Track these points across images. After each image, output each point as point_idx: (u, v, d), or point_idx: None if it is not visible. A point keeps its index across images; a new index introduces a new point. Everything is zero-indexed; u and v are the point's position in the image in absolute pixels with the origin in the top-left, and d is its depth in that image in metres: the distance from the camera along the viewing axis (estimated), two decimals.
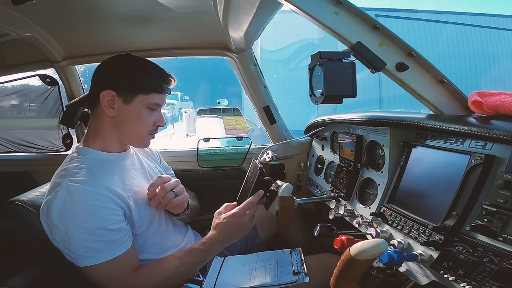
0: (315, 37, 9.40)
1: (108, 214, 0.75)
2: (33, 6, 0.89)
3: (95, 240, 0.73)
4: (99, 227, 0.73)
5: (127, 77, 0.83)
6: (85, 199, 0.72)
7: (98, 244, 0.73)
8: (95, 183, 0.75)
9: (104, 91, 0.81)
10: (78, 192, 0.72)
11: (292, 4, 0.67)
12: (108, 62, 0.87)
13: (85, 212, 0.72)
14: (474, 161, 0.64)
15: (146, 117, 0.86)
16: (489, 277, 0.54)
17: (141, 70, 0.85)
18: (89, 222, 0.72)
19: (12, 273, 0.91)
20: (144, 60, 0.89)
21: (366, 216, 0.92)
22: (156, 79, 0.86)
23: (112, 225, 0.75)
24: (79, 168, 0.78)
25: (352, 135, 1.07)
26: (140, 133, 0.88)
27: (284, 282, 0.87)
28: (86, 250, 0.73)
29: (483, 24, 11.37)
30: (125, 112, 0.84)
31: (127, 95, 0.83)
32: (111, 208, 0.76)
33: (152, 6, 0.98)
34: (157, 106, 0.88)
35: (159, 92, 0.86)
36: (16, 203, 0.82)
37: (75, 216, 0.71)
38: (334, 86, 0.69)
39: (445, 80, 0.78)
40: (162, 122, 0.90)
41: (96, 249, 0.73)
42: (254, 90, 1.42)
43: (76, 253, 0.73)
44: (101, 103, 0.82)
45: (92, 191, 0.73)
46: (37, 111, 1.65)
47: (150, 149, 1.12)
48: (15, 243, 1.32)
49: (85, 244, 0.73)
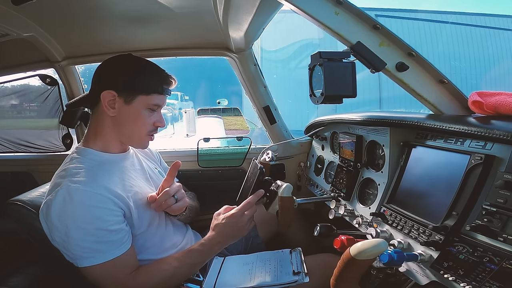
0: (315, 37, 9.40)
1: (108, 215, 0.75)
2: (33, 6, 0.89)
3: (94, 240, 0.73)
4: (99, 227, 0.73)
5: (128, 77, 0.83)
6: (85, 199, 0.72)
7: (97, 245, 0.73)
8: (95, 184, 0.75)
9: (105, 91, 0.82)
10: (78, 192, 0.72)
11: (292, 4, 0.67)
12: (109, 62, 0.87)
13: (85, 213, 0.72)
14: (474, 161, 0.64)
15: (146, 118, 0.86)
16: (489, 277, 0.54)
17: (142, 71, 0.85)
18: (88, 222, 0.72)
19: (12, 273, 0.90)
20: (144, 61, 0.89)
21: (366, 216, 0.92)
22: (157, 80, 0.86)
23: (111, 226, 0.75)
24: (79, 168, 0.78)
25: (352, 135, 1.07)
26: (140, 134, 0.88)
27: (284, 282, 0.87)
28: (85, 250, 0.73)
29: (483, 24, 11.36)
30: (126, 112, 0.84)
31: (128, 95, 0.83)
32: (111, 209, 0.76)
33: (152, 6, 0.98)
34: (157, 107, 0.88)
35: (160, 93, 0.87)
36: (16, 203, 0.82)
37: (75, 217, 0.71)
38: (334, 86, 0.69)
39: (445, 80, 0.78)
40: (162, 123, 0.90)
41: (95, 250, 0.73)
42: (254, 90, 1.42)
43: (75, 254, 0.73)
44: (102, 103, 0.82)
45: (92, 192, 0.73)
46: (37, 111, 1.65)
47: (150, 150, 1.12)
48: (15, 243, 1.32)
49: (84, 245, 0.73)
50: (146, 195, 0.87)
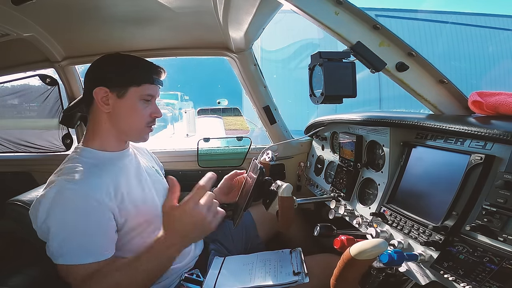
0: (315, 37, 9.41)
1: (98, 215, 0.74)
2: (33, 6, 0.89)
3: (78, 240, 0.71)
4: (86, 227, 0.72)
5: (117, 71, 0.85)
6: (75, 198, 0.72)
7: (79, 246, 0.71)
8: (87, 184, 0.74)
9: (96, 88, 0.83)
10: (69, 191, 0.72)
11: (292, 4, 0.67)
12: (98, 61, 0.89)
13: (72, 212, 0.71)
14: (474, 161, 0.63)
15: (142, 109, 0.87)
16: (489, 277, 0.54)
17: (131, 64, 0.87)
18: (75, 221, 0.71)
19: (12, 273, 0.90)
20: (132, 56, 0.91)
21: (366, 216, 0.92)
22: (146, 71, 0.88)
23: (99, 228, 0.74)
24: (75, 168, 0.78)
25: (352, 135, 1.07)
26: (138, 126, 0.88)
27: (284, 282, 0.87)
28: (66, 249, 0.71)
29: (483, 24, 11.38)
30: (120, 106, 0.85)
31: (120, 89, 0.84)
32: (102, 211, 0.75)
33: (152, 6, 0.98)
34: (150, 97, 0.89)
35: (151, 83, 0.88)
36: (16, 203, 0.83)
37: (62, 214, 0.70)
38: (334, 86, 0.69)
39: (445, 80, 0.78)
40: (159, 113, 0.91)
41: (72, 252, 0.71)
42: (254, 90, 1.42)
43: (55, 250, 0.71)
44: (96, 100, 0.84)
45: (82, 192, 0.72)
46: (37, 111, 1.65)
47: (146, 150, 1.13)
48: (15, 243, 1.32)
49: (65, 243, 0.71)
50: (139, 194, 0.87)
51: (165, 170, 1.21)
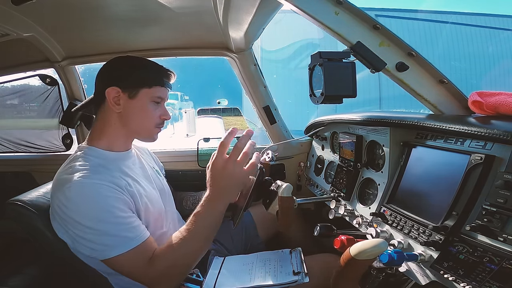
0: (315, 37, 9.41)
1: (123, 204, 0.76)
2: (33, 6, 0.89)
3: (118, 228, 0.73)
4: (118, 215, 0.74)
5: (130, 73, 0.87)
6: (100, 191, 0.73)
7: (124, 232, 0.73)
8: (103, 177, 0.76)
9: (109, 88, 0.84)
10: (92, 185, 0.73)
11: (292, 4, 0.67)
12: (111, 62, 0.91)
13: (103, 203, 0.73)
14: (474, 161, 0.63)
15: (152, 111, 0.90)
16: (489, 277, 0.54)
17: (143, 66, 0.90)
18: (107, 211, 0.73)
19: (12, 273, 0.91)
20: (143, 58, 0.93)
21: (366, 216, 0.92)
22: (157, 74, 0.91)
23: (130, 213, 0.77)
24: (85, 165, 0.79)
25: (352, 135, 1.07)
26: (148, 126, 0.91)
27: (284, 282, 0.87)
28: (114, 239, 0.73)
29: (483, 24, 11.38)
30: (131, 107, 0.87)
31: (131, 90, 0.86)
32: (124, 199, 0.77)
33: (152, 6, 0.98)
34: (160, 99, 0.91)
35: (161, 85, 0.90)
36: (16, 203, 0.82)
37: (94, 209, 0.72)
38: (334, 86, 0.69)
39: (445, 80, 0.78)
40: (167, 116, 0.94)
41: (124, 237, 0.73)
42: (254, 90, 1.42)
43: (106, 244, 0.72)
44: (107, 100, 0.85)
45: (103, 184, 0.74)
46: (37, 111, 1.65)
47: (147, 150, 1.14)
48: (15, 243, 1.32)
49: (112, 232, 0.72)
50: (150, 193, 0.89)
51: (165, 170, 1.21)
